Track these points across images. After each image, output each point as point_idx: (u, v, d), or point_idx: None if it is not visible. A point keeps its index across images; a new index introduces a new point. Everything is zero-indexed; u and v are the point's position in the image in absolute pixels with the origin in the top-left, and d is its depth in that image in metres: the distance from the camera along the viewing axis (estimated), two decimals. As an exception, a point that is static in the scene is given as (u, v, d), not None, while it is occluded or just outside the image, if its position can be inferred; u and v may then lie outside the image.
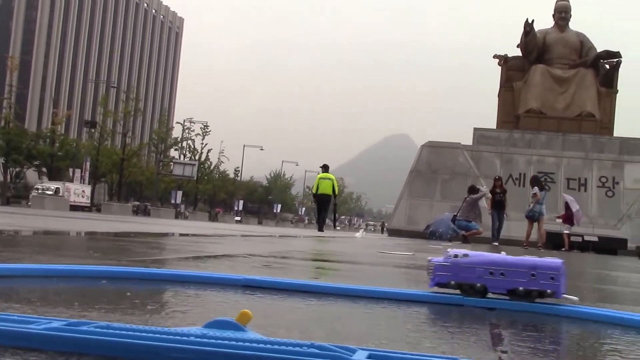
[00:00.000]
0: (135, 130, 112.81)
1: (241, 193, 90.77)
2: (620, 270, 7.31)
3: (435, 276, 2.20)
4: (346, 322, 1.63)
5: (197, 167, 64.83)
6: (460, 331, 1.60)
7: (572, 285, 4.41)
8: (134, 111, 70.65)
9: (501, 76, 33.44)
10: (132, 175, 71.31)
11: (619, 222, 27.53)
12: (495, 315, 1.98)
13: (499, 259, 2.16)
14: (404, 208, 28.79)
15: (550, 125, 30.66)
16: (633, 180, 28.22)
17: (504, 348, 1.41)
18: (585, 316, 2.03)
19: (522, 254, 2.06)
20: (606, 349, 1.56)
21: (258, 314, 1.61)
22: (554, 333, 1.82)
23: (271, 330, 1.34)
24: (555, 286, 2.07)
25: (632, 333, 1.79)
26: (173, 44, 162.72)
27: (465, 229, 19.93)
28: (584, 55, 32.55)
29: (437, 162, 29.08)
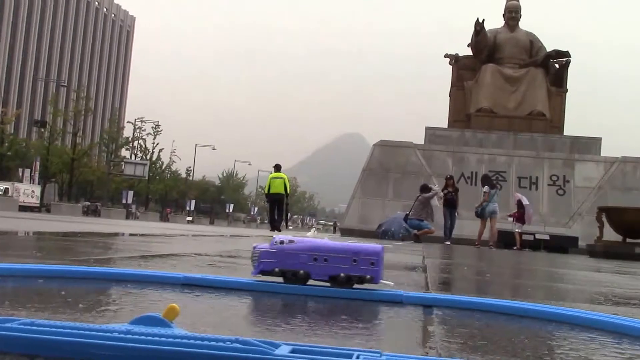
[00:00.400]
0: (85, 129, 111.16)
1: (193, 193, 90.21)
2: (567, 268, 7.46)
3: (260, 263, 2.17)
4: (279, 319, 1.62)
5: (148, 166, 64.44)
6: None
7: (519, 283, 4.41)
8: (84, 110, 69.77)
9: (452, 75, 33.73)
10: (82, 175, 70.44)
11: (570, 220, 27.95)
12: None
13: (322, 244, 2.14)
14: (357, 207, 28.85)
15: (501, 124, 31.08)
16: (583, 179, 28.68)
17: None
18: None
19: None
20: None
21: (193, 311, 1.61)
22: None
23: (202, 328, 1.32)
24: (375, 272, 2.08)
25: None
26: (124, 43, 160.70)
27: (417, 228, 20.08)
28: (534, 55, 33.00)
29: (389, 161, 29.20)
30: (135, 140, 73.67)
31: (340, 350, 0.93)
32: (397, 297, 2.08)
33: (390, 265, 4.82)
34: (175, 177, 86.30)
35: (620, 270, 7.63)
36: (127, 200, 64.47)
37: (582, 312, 1.92)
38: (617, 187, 28.24)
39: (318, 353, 0.92)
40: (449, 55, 33.71)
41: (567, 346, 1.50)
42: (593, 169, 28.85)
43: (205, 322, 1.46)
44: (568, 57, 33.16)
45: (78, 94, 73.21)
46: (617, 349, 1.46)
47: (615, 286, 4.31)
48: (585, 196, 28.23)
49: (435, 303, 2.07)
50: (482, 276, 4.82)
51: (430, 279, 3.70)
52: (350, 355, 0.91)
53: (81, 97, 71.00)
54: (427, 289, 2.94)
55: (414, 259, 6.48)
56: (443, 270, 5.02)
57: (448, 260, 7.31)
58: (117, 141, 74.16)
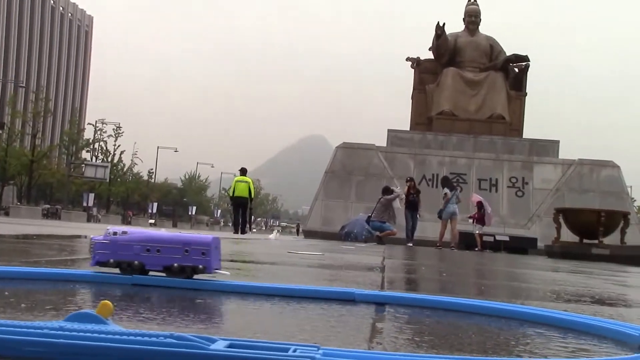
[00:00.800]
0: (45, 131, 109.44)
1: (155, 195, 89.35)
2: (524, 268, 7.56)
3: (96, 254, 2.15)
4: (228, 317, 1.63)
5: (109, 169, 63.67)
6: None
7: (476, 282, 4.51)
8: (43, 112, 68.79)
9: (414, 79, 33.88)
10: (42, 177, 69.35)
11: (529, 221, 28.29)
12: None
13: (155, 235, 2.16)
14: (320, 209, 28.88)
15: (462, 127, 31.35)
16: (541, 181, 29.09)
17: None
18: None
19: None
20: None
21: (136, 310, 1.61)
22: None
23: (148, 326, 1.32)
24: (207, 261, 2.10)
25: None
26: (83, 43, 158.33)
27: (379, 230, 20.18)
28: (494, 59, 33.37)
29: (351, 163, 29.29)
30: (96, 142, 72.79)
31: (277, 345, 0.93)
32: (350, 295, 2.10)
33: (349, 266, 4.88)
34: (137, 179, 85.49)
35: (576, 270, 7.76)
36: (88, 203, 63.61)
37: (531, 309, 1.95)
38: (574, 189, 28.71)
39: (254, 347, 0.92)
40: (411, 59, 33.90)
41: (513, 341, 1.52)
42: (551, 171, 29.30)
43: (153, 320, 1.46)
44: (527, 61, 33.59)
45: (37, 95, 72.24)
46: (562, 343, 1.49)
47: (568, 285, 4.37)
48: (544, 198, 28.64)
49: (387, 301, 2.09)
50: (439, 276, 4.86)
51: (387, 278, 3.71)
52: (286, 349, 0.91)
53: (40, 98, 70.06)
54: (382, 287, 2.94)
55: (374, 259, 6.51)
56: (401, 270, 5.03)
57: (408, 261, 7.35)
58: (78, 143, 73.12)
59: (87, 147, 73.54)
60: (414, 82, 33.87)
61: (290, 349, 0.91)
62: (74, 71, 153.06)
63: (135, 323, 1.35)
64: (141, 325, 1.31)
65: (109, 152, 73.73)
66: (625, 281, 5.72)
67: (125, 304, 1.72)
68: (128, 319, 1.42)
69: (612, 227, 19.62)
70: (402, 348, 1.29)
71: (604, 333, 1.60)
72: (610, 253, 16.72)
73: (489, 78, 32.22)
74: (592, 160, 30.12)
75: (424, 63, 33.81)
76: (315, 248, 9.10)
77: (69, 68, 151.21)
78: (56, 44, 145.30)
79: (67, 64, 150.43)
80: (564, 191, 28.69)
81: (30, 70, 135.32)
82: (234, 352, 0.88)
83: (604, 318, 1.89)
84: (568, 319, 1.77)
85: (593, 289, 4.03)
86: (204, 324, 1.45)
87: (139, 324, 1.34)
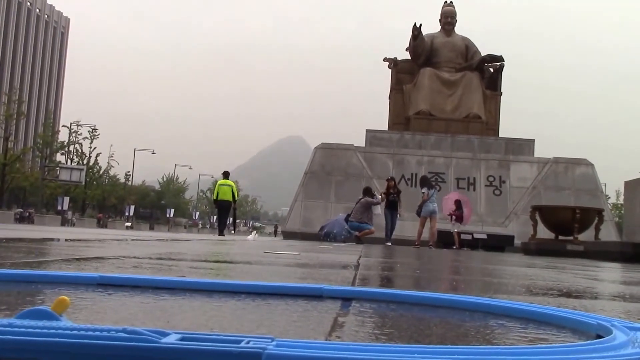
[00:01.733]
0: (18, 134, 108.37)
1: (132, 198, 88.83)
2: (498, 265, 7.54)
3: None
4: (190, 313, 1.63)
5: (85, 171, 63.16)
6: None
7: (448, 278, 4.50)
8: (16, 114, 67.99)
9: (391, 79, 34.22)
10: (14, 181, 68.46)
11: (506, 219, 28.61)
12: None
13: None
14: (299, 210, 28.97)
15: (439, 127, 31.64)
16: (518, 179, 29.47)
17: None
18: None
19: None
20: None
21: (100, 309, 1.63)
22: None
23: (104, 323, 1.29)
24: None
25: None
26: (58, 44, 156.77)
27: (357, 230, 20.25)
28: (470, 59, 33.80)
29: (330, 163, 29.44)
30: (71, 144, 72.09)
31: (230, 337, 0.94)
32: (318, 290, 2.11)
33: (324, 265, 4.88)
34: (114, 182, 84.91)
35: (549, 266, 7.82)
36: (62, 207, 62.94)
37: (495, 301, 1.98)
38: (550, 187, 29.11)
39: (207, 340, 0.92)
40: (388, 59, 34.21)
41: (474, 331, 1.54)
42: (527, 170, 29.67)
43: (112, 318, 1.48)
44: (502, 61, 34.08)
45: (9, 97, 71.40)
46: (522, 333, 1.52)
47: (539, 279, 4.42)
48: (521, 196, 28.99)
49: (354, 296, 2.11)
50: (413, 272, 4.88)
51: (360, 275, 3.71)
52: (239, 341, 0.91)
53: (13, 101, 69.28)
54: (353, 284, 2.95)
55: (350, 258, 6.53)
56: (375, 268, 5.03)
57: (384, 259, 7.37)
58: (52, 146, 72.42)
59: (62, 150, 72.73)
60: (392, 83, 34.20)
61: (243, 341, 0.92)
62: (48, 73, 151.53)
63: (91, 321, 1.35)
64: (97, 323, 1.31)
65: (84, 155, 73.12)
66: (595, 275, 5.81)
67: (87, 303, 1.72)
68: (85, 317, 1.42)
69: (586, 224, 19.90)
70: (360, 340, 1.30)
71: (564, 323, 1.64)
72: (585, 249, 16.88)
73: (465, 78, 32.57)
74: (567, 158, 30.54)
75: (401, 63, 34.17)
76: (292, 248, 9.11)
77: (44, 69, 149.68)
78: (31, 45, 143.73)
79: (42, 66, 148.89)
80: (540, 189, 29.08)
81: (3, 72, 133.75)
82: (184, 344, 0.88)
83: (567, 309, 1.93)
84: (530, 310, 1.80)
85: (562, 283, 4.07)
86: (162, 320, 1.44)
87: (95, 322, 1.34)
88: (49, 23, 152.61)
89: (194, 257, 4.94)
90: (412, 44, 33.27)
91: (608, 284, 4.65)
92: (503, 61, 34.03)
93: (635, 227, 15.20)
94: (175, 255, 4.96)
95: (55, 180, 63.82)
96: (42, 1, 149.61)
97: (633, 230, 15.34)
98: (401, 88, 33.34)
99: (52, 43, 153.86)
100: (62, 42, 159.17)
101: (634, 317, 2.11)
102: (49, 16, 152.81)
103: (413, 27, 32.73)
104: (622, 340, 1.20)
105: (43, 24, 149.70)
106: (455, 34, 34.68)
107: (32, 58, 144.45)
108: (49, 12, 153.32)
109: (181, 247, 7.19)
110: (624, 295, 3.35)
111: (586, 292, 3.38)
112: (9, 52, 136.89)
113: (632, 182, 15.98)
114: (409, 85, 33.02)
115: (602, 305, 2.56)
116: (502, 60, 34.00)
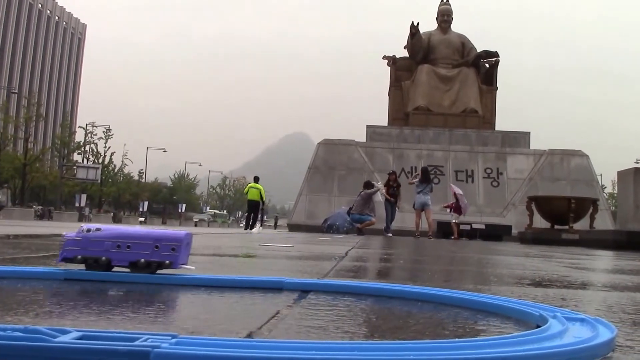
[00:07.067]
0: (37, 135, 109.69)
1: (146, 194, 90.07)
2: (487, 254, 7.47)
3: (64, 251, 2.14)
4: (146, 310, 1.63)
5: (100, 170, 64.62)
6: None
7: (426, 268, 4.51)
8: (35, 116, 69.39)
9: (390, 76, 34.89)
10: (35, 180, 69.82)
11: (504, 210, 29.03)
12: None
13: (127, 231, 2.16)
14: (304, 203, 29.61)
15: (437, 122, 32.29)
16: (515, 171, 29.95)
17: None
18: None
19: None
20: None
21: (41, 304, 1.64)
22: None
23: (34, 320, 1.35)
24: (174, 257, 2.12)
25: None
26: (75, 49, 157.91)
27: (359, 222, 20.84)
28: (466, 55, 34.39)
29: (333, 158, 30.09)
30: (87, 144, 73.61)
31: (128, 335, 0.96)
32: (279, 283, 2.13)
33: (310, 256, 4.93)
34: (128, 179, 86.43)
35: (538, 255, 7.73)
36: (80, 204, 64.29)
37: (449, 292, 1.98)
38: (547, 178, 29.62)
39: (104, 338, 0.96)
40: (387, 57, 34.84)
41: (413, 322, 1.55)
42: (523, 161, 30.22)
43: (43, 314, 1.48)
44: (497, 57, 34.70)
45: (29, 100, 72.64)
46: (463, 324, 1.54)
47: (518, 268, 4.49)
48: (518, 187, 29.47)
49: (314, 288, 2.12)
50: (396, 263, 4.80)
51: (339, 267, 3.70)
52: (136, 339, 0.94)
53: (32, 104, 70.57)
54: (325, 276, 2.95)
55: (341, 249, 6.50)
56: (360, 259, 4.87)
57: (375, 250, 7.33)
58: (69, 146, 73.71)
59: (79, 150, 74.21)
60: (391, 80, 34.83)
61: (140, 339, 0.94)
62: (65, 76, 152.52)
63: (27, 318, 1.37)
64: (26, 320, 1.34)
65: (99, 154, 74.73)
66: (578, 263, 5.66)
67: (35, 299, 1.75)
68: (23, 314, 1.44)
69: (582, 213, 20.25)
70: (290, 333, 1.32)
71: (510, 314, 1.65)
72: (580, 238, 16.99)
73: (462, 74, 33.21)
74: (562, 150, 31.06)
75: (400, 61, 34.78)
76: (290, 240, 9.10)
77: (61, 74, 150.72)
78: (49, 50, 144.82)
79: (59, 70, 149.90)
80: (537, 180, 29.56)
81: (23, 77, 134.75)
82: (73, 343, 0.91)
83: (520, 300, 1.91)
84: (480, 300, 1.81)
85: (539, 272, 4.04)
86: (94, 317, 1.45)
87: (24, 319, 1.36)
88: (66, 30, 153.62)
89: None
90: (410, 42, 33.89)
91: (587, 272, 4.45)
92: (498, 57, 34.66)
93: (628, 215, 14.86)
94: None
95: (73, 179, 65.04)
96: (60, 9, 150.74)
97: (626, 218, 15.05)
98: (400, 85, 34.00)
99: (70, 48, 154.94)
100: (78, 47, 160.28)
101: (591, 306, 2.12)
102: (67, 23, 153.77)
103: (411, 26, 33.37)
104: (554, 332, 1.21)
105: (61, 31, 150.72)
106: (451, 32, 35.29)
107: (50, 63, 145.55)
108: (67, 19, 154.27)
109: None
110: (594, 283, 3.31)
111: (558, 280, 3.33)
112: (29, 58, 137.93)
113: (624, 172, 15.32)
114: (408, 81, 33.68)
115: (565, 294, 2.54)
116: (497, 56, 34.63)
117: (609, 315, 1.87)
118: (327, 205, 28.20)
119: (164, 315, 1.54)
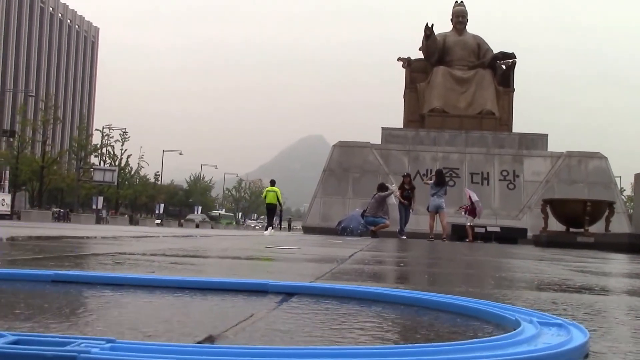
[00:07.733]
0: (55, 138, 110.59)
1: (162, 197, 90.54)
2: (495, 257, 7.44)
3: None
4: (105, 312, 1.64)
5: (117, 172, 65.09)
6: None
7: (423, 271, 4.50)
8: (52, 119, 70.10)
9: (406, 78, 34.60)
10: (52, 182, 70.52)
11: (520, 212, 28.79)
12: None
13: None
14: (319, 206, 29.54)
15: (453, 124, 32.07)
16: (532, 173, 29.68)
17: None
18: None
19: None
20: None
21: (14, 306, 1.63)
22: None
23: (7, 324, 1.35)
24: None
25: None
26: (89, 52, 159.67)
27: (372, 224, 20.82)
28: (482, 57, 34.10)
29: (348, 160, 29.96)
30: (103, 147, 74.13)
31: (62, 339, 0.95)
32: (263, 286, 2.13)
33: (313, 259, 4.90)
34: (144, 182, 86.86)
35: (547, 258, 7.63)
36: (97, 206, 64.77)
37: (433, 296, 1.96)
38: (564, 180, 29.33)
39: (38, 342, 0.95)
40: (402, 59, 34.60)
41: (390, 326, 1.56)
42: (540, 164, 29.93)
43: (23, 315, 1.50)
44: (513, 58, 34.37)
45: (46, 103, 73.30)
46: (440, 327, 1.55)
47: (519, 271, 4.43)
48: (534, 189, 29.23)
49: (298, 291, 2.12)
50: (396, 266, 4.74)
51: (337, 270, 3.67)
52: (68, 343, 0.93)
53: (49, 107, 71.25)
54: (319, 279, 2.93)
55: (348, 252, 6.45)
56: (362, 262, 4.76)
57: (382, 253, 7.19)
58: (86, 148, 74.26)
59: (95, 152, 74.72)
60: (406, 81, 34.56)
61: (74, 343, 0.93)
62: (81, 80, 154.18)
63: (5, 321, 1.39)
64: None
65: (116, 157, 75.16)
66: (585, 267, 5.57)
67: (18, 299, 1.76)
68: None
69: (597, 216, 19.86)
70: (250, 338, 1.31)
71: (489, 317, 1.66)
72: (595, 241, 16.76)
73: (478, 75, 32.94)
74: (580, 152, 30.73)
75: (415, 63, 34.56)
76: (299, 243, 9.10)
77: (77, 77, 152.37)
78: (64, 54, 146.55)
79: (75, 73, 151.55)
80: (554, 183, 29.30)
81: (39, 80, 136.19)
82: (7, 347, 0.91)
83: (501, 303, 1.89)
84: (462, 304, 1.81)
85: (541, 275, 4.00)
86: (70, 320, 1.44)
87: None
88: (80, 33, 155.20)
89: (187, 253, 4.89)
90: (424, 43, 33.69)
91: (590, 276, 4.33)
92: (515, 58, 34.33)
93: (645, 219, 14.40)
94: (169, 251, 4.93)
95: (90, 181, 65.60)
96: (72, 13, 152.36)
97: (642, 222, 14.62)
98: (415, 87, 33.76)
99: (84, 52, 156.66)
100: (92, 50, 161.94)
101: (580, 311, 2.09)
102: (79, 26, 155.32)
103: (425, 27, 33.15)
104: (526, 337, 1.20)
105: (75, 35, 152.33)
106: (466, 33, 35.01)
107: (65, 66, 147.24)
108: (80, 22, 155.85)
109: (189, 243, 7.12)
110: (592, 287, 3.24)
111: (556, 284, 3.28)
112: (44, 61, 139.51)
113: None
114: (423, 83, 33.46)
115: (559, 298, 2.51)
116: (514, 58, 34.30)
117: (595, 320, 1.86)
118: (341, 208, 28.17)
119: (130, 319, 1.51)
